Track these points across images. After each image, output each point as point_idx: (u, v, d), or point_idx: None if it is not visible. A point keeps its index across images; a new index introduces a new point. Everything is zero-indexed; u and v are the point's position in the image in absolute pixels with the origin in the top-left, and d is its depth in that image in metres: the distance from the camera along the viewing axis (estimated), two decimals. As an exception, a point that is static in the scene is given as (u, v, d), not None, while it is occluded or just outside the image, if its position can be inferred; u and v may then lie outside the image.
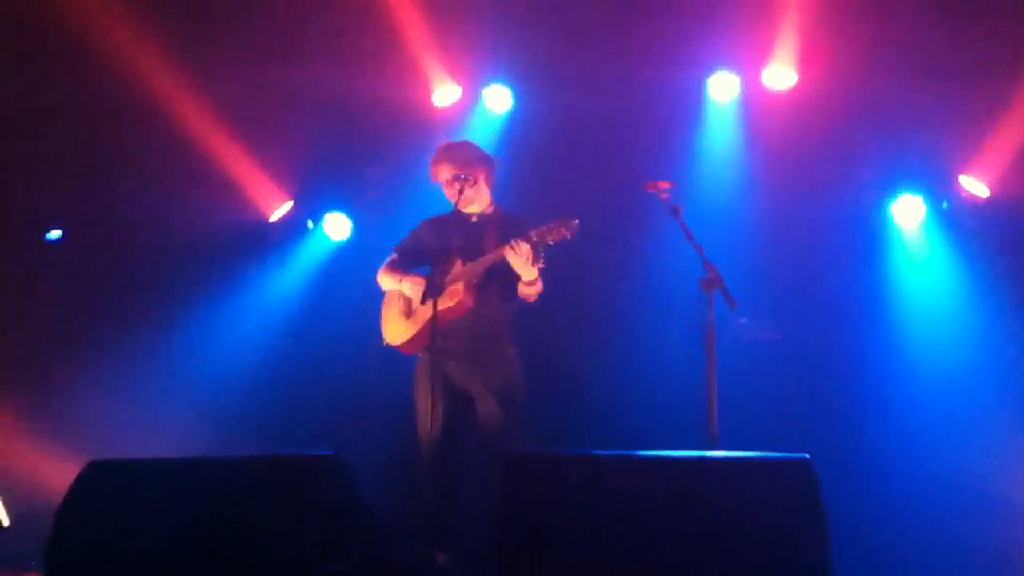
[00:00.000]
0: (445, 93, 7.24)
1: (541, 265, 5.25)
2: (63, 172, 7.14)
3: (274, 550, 3.98)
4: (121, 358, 6.94)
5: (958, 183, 6.91)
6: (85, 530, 4.19)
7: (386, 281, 5.70)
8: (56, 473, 5.37)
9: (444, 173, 5.56)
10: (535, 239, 5.12)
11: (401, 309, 5.55)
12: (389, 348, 5.59)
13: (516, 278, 5.25)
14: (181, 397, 6.97)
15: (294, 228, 7.52)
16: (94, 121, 7.12)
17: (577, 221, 5.06)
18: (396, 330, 5.55)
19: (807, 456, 3.92)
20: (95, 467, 4.36)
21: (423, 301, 5.19)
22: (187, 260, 7.30)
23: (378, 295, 5.99)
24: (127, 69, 6.81)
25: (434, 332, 5.10)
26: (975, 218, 6.93)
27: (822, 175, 6.91)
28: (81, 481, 4.30)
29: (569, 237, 5.07)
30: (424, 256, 5.61)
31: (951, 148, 6.89)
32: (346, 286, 7.21)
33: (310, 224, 7.49)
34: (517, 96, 7.18)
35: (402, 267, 5.65)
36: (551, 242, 5.12)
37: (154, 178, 7.19)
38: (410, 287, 5.51)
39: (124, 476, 4.38)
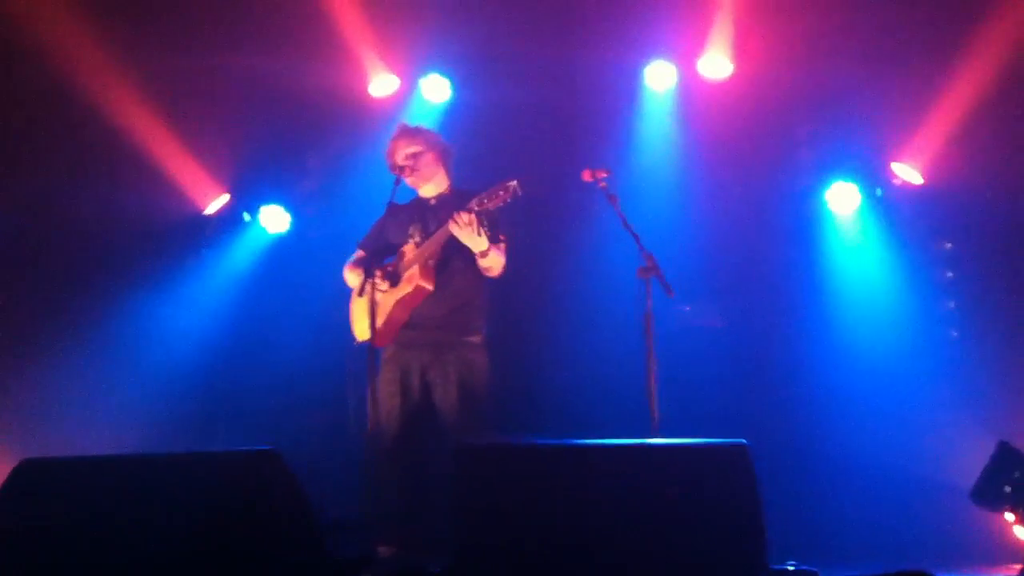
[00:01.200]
0: (382, 83, 7.20)
1: (502, 237, 5.25)
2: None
3: (211, 547, 3.93)
4: (54, 354, 6.80)
5: (891, 170, 6.99)
6: (17, 529, 4.11)
7: (350, 277, 5.65)
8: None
9: (398, 155, 5.54)
10: (476, 208, 5.12)
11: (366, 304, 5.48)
12: (363, 345, 5.47)
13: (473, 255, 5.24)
14: (116, 394, 6.85)
15: (231, 221, 7.43)
16: (22, 111, 6.97)
17: (515, 183, 5.06)
18: (365, 326, 5.49)
19: (744, 442, 4.01)
20: (27, 465, 4.29)
21: (360, 293, 5.16)
22: (121, 254, 7.16)
23: (318, 288, 5.96)
24: (56, 57, 6.66)
25: (372, 323, 5.07)
26: (909, 205, 7.02)
27: (758, 163, 6.98)
28: (13, 479, 4.24)
29: (508, 199, 5.08)
30: (386, 247, 5.56)
31: (885, 135, 6.98)
32: (284, 279, 7.16)
33: (247, 217, 7.41)
34: (455, 86, 7.16)
35: (367, 262, 5.58)
36: (492, 208, 5.12)
37: (86, 170, 7.04)
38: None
39: (57, 474, 4.31)
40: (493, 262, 5.30)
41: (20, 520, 4.12)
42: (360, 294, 5.20)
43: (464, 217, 5.12)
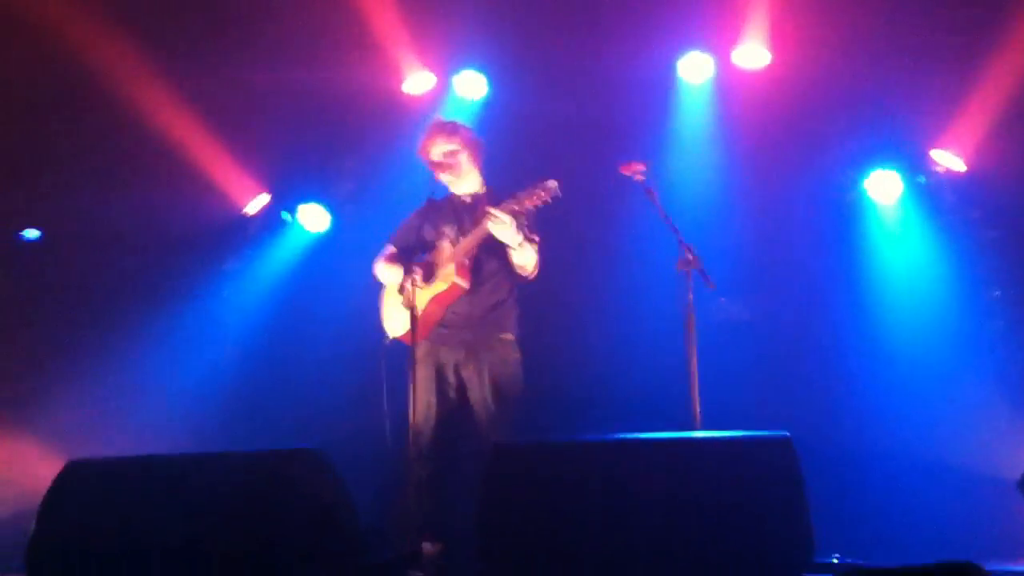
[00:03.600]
0: (417, 81, 7.21)
1: (535, 238, 5.24)
2: (35, 171, 7.07)
3: (255, 547, 3.96)
4: (99, 357, 6.90)
5: (933, 158, 6.91)
6: (65, 530, 4.18)
7: (383, 273, 5.64)
8: (36, 474, 5.32)
9: (434, 151, 5.53)
10: (515, 206, 5.12)
11: (400, 301, 5.47)
12: (395, 342, 5.49)
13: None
14: (160, 395, 6.92)
15: (271, 221, 7.48)
16: (66, 119, 7.07)
17: (555, 183, 5.06)
18: (398, 322, 5.49)
19: (787, 434, 3.97)
20: (74, 467, 4.36)
21: (399, 290, 5.17)
22: (164, 256, 7.25)
23: (359, 287, 5.97)
24: (99, 66, 6.75)
25: (413, 321, 5.07)
26: (953, 192, 6.94)
27: (797, 153, 6.91)
28: (61, 481, 4.30)
29: (548, 199, 5.07)
30: (420, 244, 5.55)
31: (927, 123, 6.89)
32: (325, 278, 7.19)
33: (287, 216, 7.45)
34: (490, 82, 7.16)
35: (399, 258, 5.57)
36: (531, 207, 5.12)
37: (127, 174, 7.13)
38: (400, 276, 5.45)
39: (103, 475, 4.37)
40: (527, 258, 5.28)
41: (68, 520, 4.19)
42: (400, 291, 5.20)
43: (503, 215, 5.11)
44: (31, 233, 7.36)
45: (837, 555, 4.32)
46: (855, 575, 3.04)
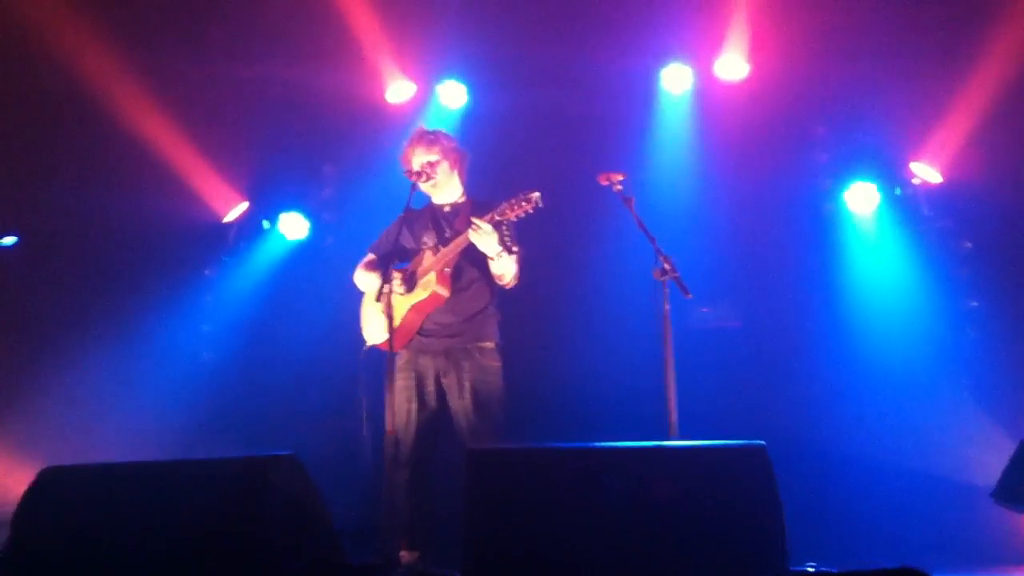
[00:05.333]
0: (399, 89, 7.23)
1: (516, 249, 5.25)
2: (12, 175, 7.04)
3: (231, 552, 3.96)
4: (75, 363, 6.87)
5: (910, 169, 6.96)
6: (41, 536, 4.16)
7: (362, 280, 5.64)
8: (10, 481, 5.30)
9: (415, 160, 5.54)
10: (497, 217, 5.12)
11: (380, 308, 5.45)
12: (373, 349, 5.47)
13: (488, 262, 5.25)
14: (137, 401, 6.90)
15: (250, 228, 7.47)
16: (44, 123, 7.03)
17: (537, 194, 5.05)
18: (377, 330, 5.50)
19: (762, 443, 3.99)
20: (50, 473, 4.33)
21: (377, 298, 5.17)
22: (142, 263, 7.23)
23: (338, 294, 5.96)
24: (77, 68, 6.73)
25: (390, 327, 5.06)
26: (928, 204, 6.99)
27: (776, 164, 6.96)
28: (36, 487, 4.28)
29: (531, 210, 5.07)
30: (399, 252, 5.55)
31: (904, 135, 6.95)
32: (304, 286, 7.19)
33: (266, 224, 7.45)
34: (471, 91, 7.18)
35: (378, 266, 5.57)
36: (514, 218, 5.11)
37: (106, 181, 7.11)
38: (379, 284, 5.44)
39: (78, 482, 4.35)
40: (506, 268, 5.29)
41: (42, 526, 4.17)
42: (378, 299, 5.19)
43: (484, 225, 5.12)
44: (7, 240, 7.31)
45: (812, 564, 4.33)
46: None
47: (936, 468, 6.22)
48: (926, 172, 6.93)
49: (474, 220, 5.14)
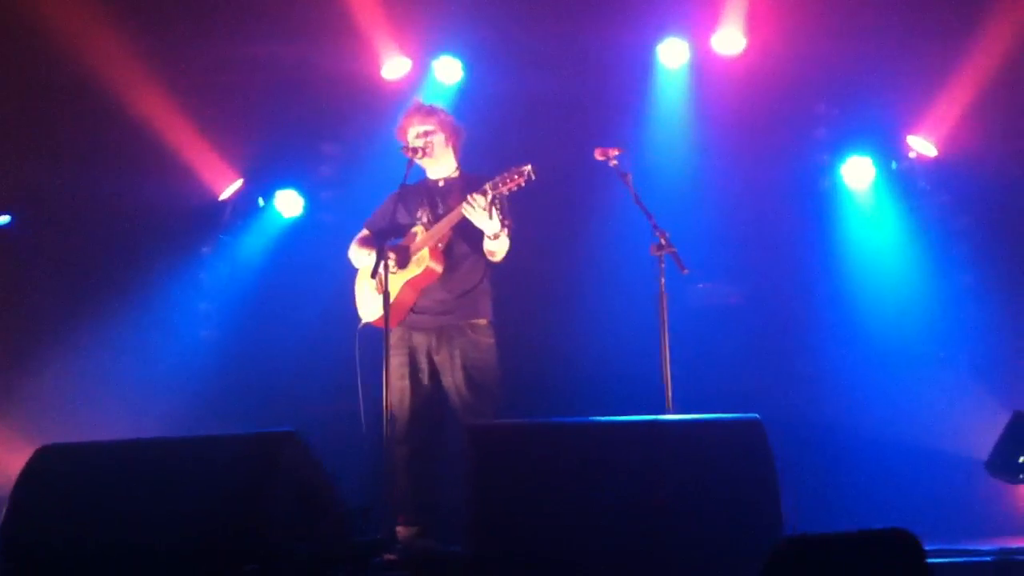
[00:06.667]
0: (394, 66, 7.20)
1: (508, 221, 5.25)
2: (7, 153, 7.02)
3: (231, 529, 3.97)
4: (73, 341, 6.88)
5: (907, 143, 6.96)
6: (38, 514, 4.17)
7: (356, 257, 5.64)
8: (8, 459, 5.31)
9: (410, 133, 5.53)
10: (490, 191, 5.12)
11: (374, 285, 5.46)
12: (369, 326, 5.46)
13: (482, 237, 5.24)
14: (135, 379, 6.91)
15: (245, 206, 7.46)
16: (39, 100, 7.02)
17: (529, 167, 5.04)
18: (371, 307, 5.50)
19: (758, 416, 4.02)
20: (47, 451, 4.34)
21: (373, 274, 5.16)
22: (137, 241, 7.22)
23: (333, 271, 5.95)
24: (71, 46, 6.70)
25: (386, 304, 5.06)
26: (924, 178, 6.99)
27: (772, 138, 6.95)
28: (33, 465, 4.29)
29: (523, 183, 5.06)
30: (394, 228, 5.53)
31: (900, 108, 6.94)
32: (299, 263, 7.19)
33: (261, 202, 7.44)
34: (467, 67, 7.15)
35: (373, 242, 5.55)
36: (506, 192, 5.11)
37: (101, 158, 7.09)
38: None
39: (76, 460, 4.36)
40: (501, 245, 5.29)
41: (39, 505, 4.17)
42: (373, 275, 5.19)
43: (478, 200, 5.11)
44: (1, 219, 7.31)
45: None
46: (788, 543, 3.12)
47: (931, 440, 6.24)
48: (923, 145, 6.92)
49: (469, 197, 5.13)
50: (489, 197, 5.10)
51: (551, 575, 3.87)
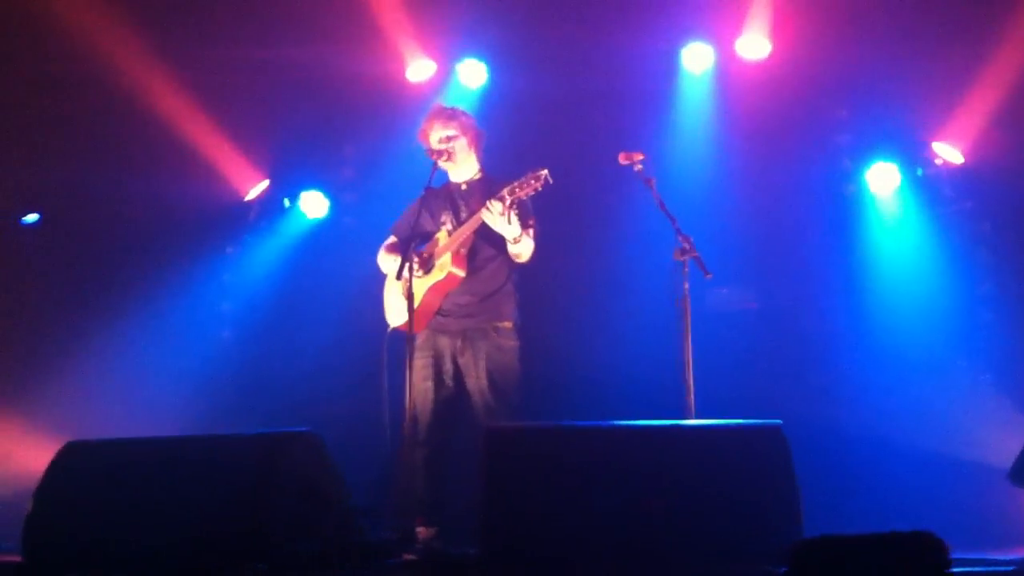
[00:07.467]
0: (419, 68, 7.22)
1: (531, 221, 5.26)
2: (35, 154, 7.09)
3: (251, 526, 4.00)
4: (98, 340, 6.94)
5: (932, 150, 6.92)
6: (63, 510, 4.22)
7: (384, 263, 5.67)
8: (34, 455, 5.37)
9: (432, 136, 5.55)
10: (507, 196, 5.14)
11: (400, 290, 5.47)
12: (397, 331, 5.48)
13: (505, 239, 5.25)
14: (159, 378, 6.96)
15: (270, 206, 7.50)
16: (67, 104, 7.08)
17: (545, 171, 5.07)
18: (399, 311, 5.51)
19: (779, 422, 4.00)
20: (72, 448, 4.39)
21: (398, 277, 5.19)
22: (163, 240, 7.27)
23: (357, 273, 5.98)
24: (99, 49, 6.76)
25: (410, 308, 5.09)
26: (950, 185, 6.95)
27: (797, 144, 6.93)
28: (58, 462, 4.34)
29: (540, 187, 5.09)
30: (419, 233, 5.53)
31: (925, 115, 6.90)
32: (324, 264, 7.21)
33: (286, 203, 7.48)
34: (491, 70, 7.17)
35: (398, 248, 5.57)
36: (524, 196, 5.14)
37: (128, 158, 7.16)
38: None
39: (101, 456, 4.42)
40: (524, 248, 5.30)
41: (65, 500, 4.22)
42: (398, 278, 5.22)
43: (496, 205, 5.14)
44: (30, 217, 7.38)
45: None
46: (812, 543, 3.13)
47: (952, 449, 6.19)
48: (949, 153, 6.88)
49: (487, 203, 5.16)
50: (507, 202, 5.13)
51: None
